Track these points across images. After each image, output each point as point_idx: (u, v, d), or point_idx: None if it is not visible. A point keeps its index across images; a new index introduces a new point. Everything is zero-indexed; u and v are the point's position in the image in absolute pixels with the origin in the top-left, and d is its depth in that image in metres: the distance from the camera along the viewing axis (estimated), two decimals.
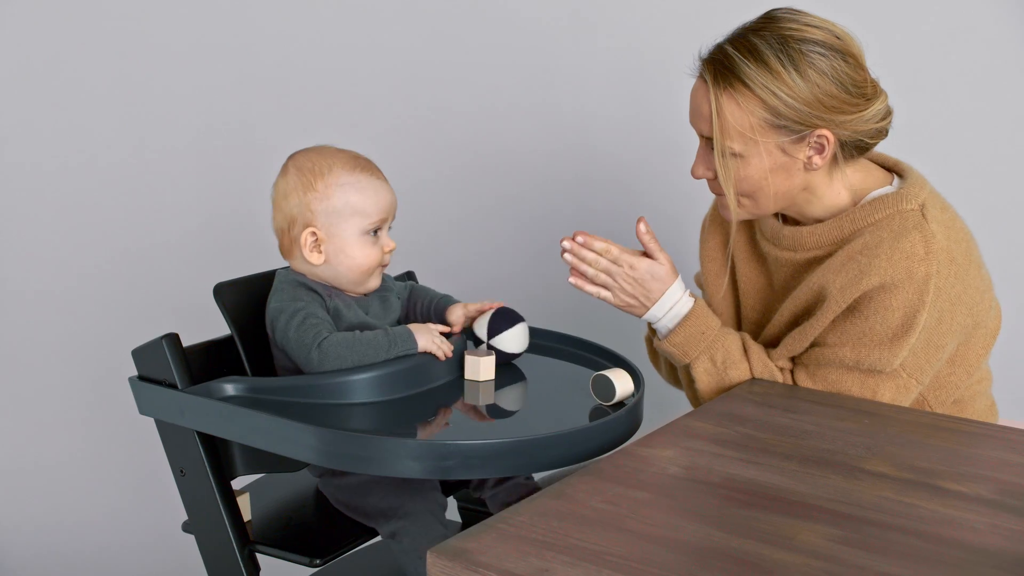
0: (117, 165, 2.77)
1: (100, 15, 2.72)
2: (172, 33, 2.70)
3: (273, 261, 1.79)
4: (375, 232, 1.55)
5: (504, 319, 1.58)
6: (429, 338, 1.52)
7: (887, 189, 1.60)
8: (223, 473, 1.54)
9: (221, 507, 1.52)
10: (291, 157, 1.57)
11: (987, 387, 1.71)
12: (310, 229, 1.53)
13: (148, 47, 2.71)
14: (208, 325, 1.82)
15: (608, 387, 1.49)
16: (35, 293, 2.85)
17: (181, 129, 2.74)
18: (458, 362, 1.56)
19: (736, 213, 1.62)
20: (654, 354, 1.83)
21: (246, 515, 1.58)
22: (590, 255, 1.60)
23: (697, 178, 1.63)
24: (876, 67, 1.62)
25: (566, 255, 1.61)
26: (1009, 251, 2.18)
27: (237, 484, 1.60)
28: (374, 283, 1.59)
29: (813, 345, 1.61)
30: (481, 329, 1.58)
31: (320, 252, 1.53)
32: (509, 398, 1.54)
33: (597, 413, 1.47)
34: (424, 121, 2.60)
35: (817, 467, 1.32)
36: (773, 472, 1.30)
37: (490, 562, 1.07)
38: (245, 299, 1.59)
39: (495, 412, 1.50)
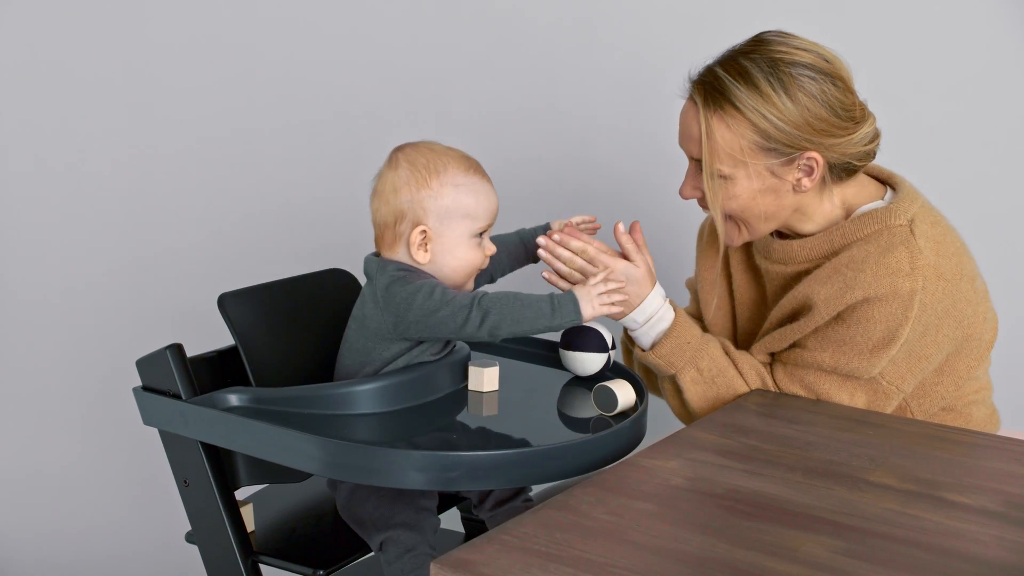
0: (121, 174, 2.78)
1: (104, 22, 2.72)
2: (176, 44, 2.70)
3: (277, 272, 1.79)
4: (480, 235, 1.54)
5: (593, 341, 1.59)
6: (596, 300, 1.43)
7: (878, 203, 1.61)
8: (227, 484, 1.54)
9: (225, 518, 1.52)
10: (400, 150, 1.54)
11: (986, 396, 1.71)
12: (420, 227, 1.50)
13: (151, 56, 2.72)
14: (212, 336, 1.82)
15: (610, 397, 1.49)
16: (39, 302, 2.86)
17: (186, 138, 2.74)
18: (462, 373, 1.56)
19: (725, 233, 1.63)
20: (628, 355, 1.83)
21: (249, 526, 1.58)
22: (565, 253, 1.59)
23: (685, 198, 1.64)
24: (878, 72, 1.62)
25: (540, 251, 1.60)
26: (1011, 257, 2.18)
27: (240, 495, 1.60)
28: (470, 287, 1.58)
29: (794, 346, 1.62)
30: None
31: (427, 251, 1.50)
32: (513, 409, 1.54)
33: (601, 424, 1.47)
34: (426, 128, 2.60)
35: (821, 478, 1.32)
36: (777, 483, 1.30)
37: (493, 573, 1.07)
38: (249, 309, 1.59)
39: (499, 423, 1.50)
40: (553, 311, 1.42)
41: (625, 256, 1.60)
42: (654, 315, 1.61)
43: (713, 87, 1.55)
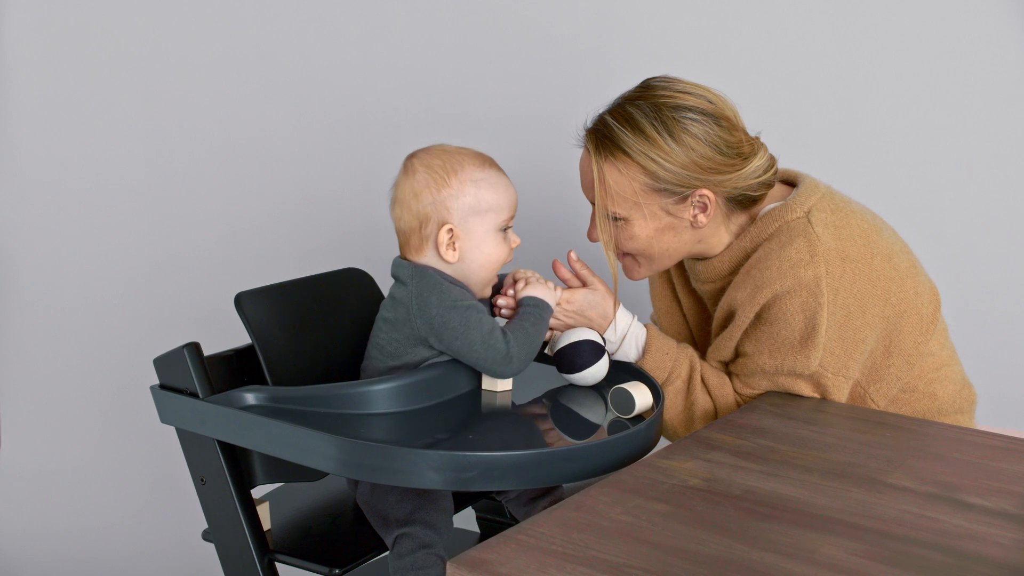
0: (138, 176, 2.79)
1: (120, 32, 2.74)
2: (191, 47, 2.72)
3: (294, 271, 1.79)
4: (504, 229, 1.56)
5: (590, 353, 1.59)
6: (543, 289, 1.58)
7: (778, 203, 1.65)
8: (243, 482, 1.54)
9: (241, 516, 1.53)
10: (413, 156, 1.56)
11: (949, 373, 1.72)
12: (447, 226, 1.52)
13: (167, 61, 2.73)
14: (229, 334, 1.83)
15: (627, 400, 1.49)
16: (58, 302, 2.87)
17: (201, 140, 2.75)
18: (477, 372, 1.56)
19: (615, 269, 1.67)
20: None
21: (266, 524, 1.59)
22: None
23: (592, 241, 1.69)
24: (881, 74, 1.61)
25: (503, 311, 1.62)
26: (1009, 256, 2.17)
27: (257, 493, 1.60)
28: (494, 281, 1.60)
29: (739, 355, 1.67)
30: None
31: (455, 250, 1.53)
32: (529, 409, 1.54)
33: (617, 425, 1.47)
34: (441, 128, 2.61)
35: (838, 480, 1.31)
36: (794, 485, 1.29)
37: (510, 573, 1.07)
38: (266, 309, 1.60)
39: (515, 424, 1.50)
40: (542, 318, 1.54)
41: (583, 283, 1.66)
42: (627, 331, 1.66)
43: (603, 135, 1.61)
